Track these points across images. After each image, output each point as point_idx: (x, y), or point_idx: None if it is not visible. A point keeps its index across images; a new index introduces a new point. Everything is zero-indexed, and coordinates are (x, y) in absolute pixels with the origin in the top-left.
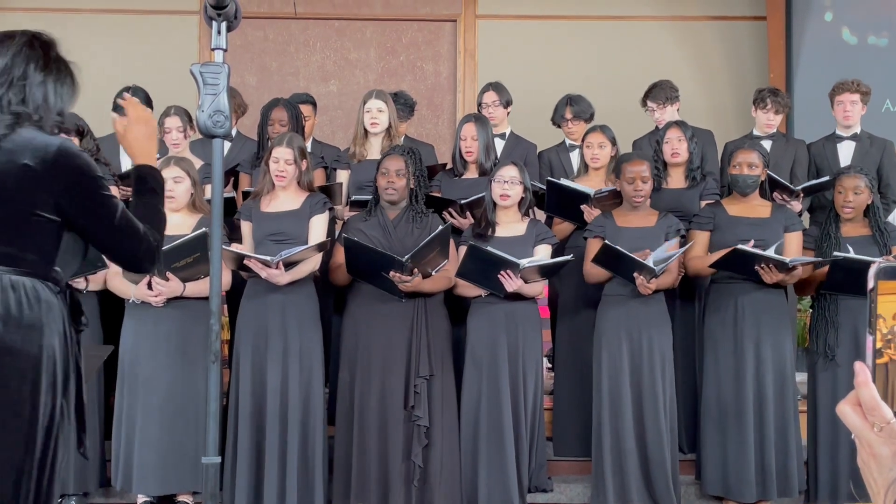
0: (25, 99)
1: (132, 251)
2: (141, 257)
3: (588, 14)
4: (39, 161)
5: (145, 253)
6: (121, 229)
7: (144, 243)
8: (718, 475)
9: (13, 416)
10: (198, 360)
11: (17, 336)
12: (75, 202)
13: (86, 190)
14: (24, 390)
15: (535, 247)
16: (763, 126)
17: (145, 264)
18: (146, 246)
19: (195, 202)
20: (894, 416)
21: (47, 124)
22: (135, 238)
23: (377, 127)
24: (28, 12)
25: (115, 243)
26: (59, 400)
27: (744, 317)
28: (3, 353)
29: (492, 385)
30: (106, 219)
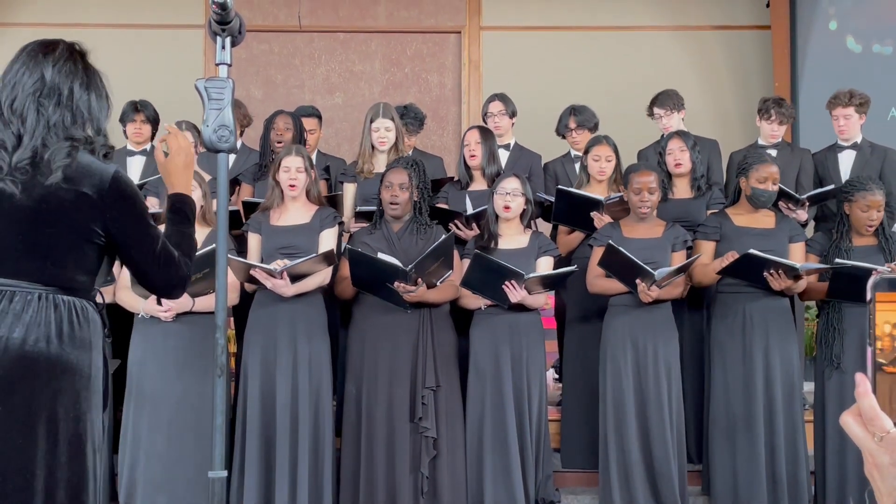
0: (76, 119)
1: (168, 279)
2: (175, 285)
3: (592, 24)
4: (96, 190)
5: (178, 280)
6: (160, 258)
7: (180, 271)
8: (728, 485)
9: (73, 434)
10: (206, 375)
11: (73, 354)
12: (124, 230)
13: (134, 219)
14: (80, 407)
15: (537, 259)
16: (768, 136)
17: (177, 291)
18: (181, 274)
19: (205, 215)
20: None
21: (98, 149)
22: (171, 266)
23: (385, 146)
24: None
25: (154, 271)
26: (102, 415)
27: (752, 325)
28: (62, 371)
29: (496, 396)
30: (149, 247)
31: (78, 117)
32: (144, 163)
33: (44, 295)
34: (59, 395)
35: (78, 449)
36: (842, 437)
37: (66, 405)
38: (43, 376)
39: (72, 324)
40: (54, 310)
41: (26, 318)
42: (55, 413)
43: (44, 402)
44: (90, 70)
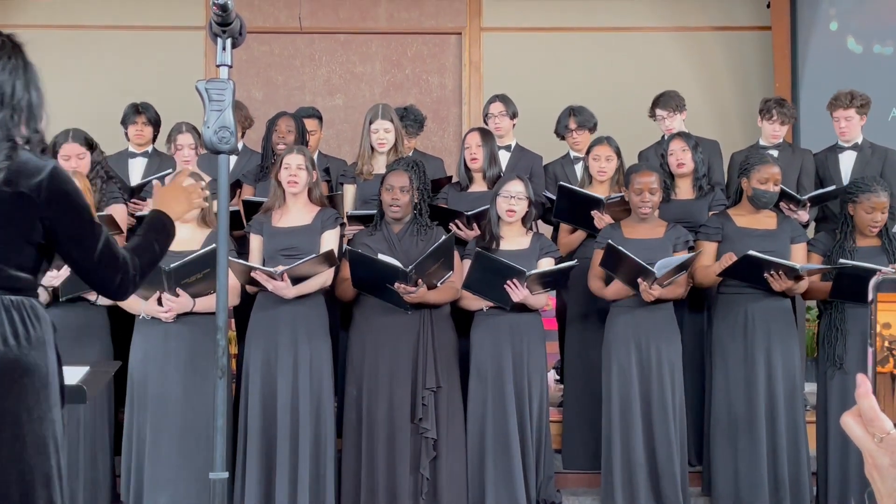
0: (16, 118)
1: (109, 281)
2: (115, 289)
3: (593, 25)
4: (35, 188)
5: (120, 284)
6: (101, 258)
7: (120, 275)
8: (730, 487)
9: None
10: (207, 376)
11: (32, 355)
12: (63, 228)
13: (73, 216)
14: (42, 407)
15: (538, 260)
16: (769, 137)
17: (118, 295)
18: (122, 278)
19: (205, 216)
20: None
21: (35, 145)
22: (113, 268)
23: (384, 147)
24: (35, 29)
25: (94, 271)
26: (60, 412)
27: (754, 326)
28: (23, 373)
29: (497, 397)
30: (89, 246)
31: (18, 115)
32: (146, 164)
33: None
34: (21, 396)
35: (44, 448)
36: (844, 437)
37: (29, 406)
38: (4, 379)
39: (25, 324)
40: (5, 311)
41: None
42: (19, 415)
43: (8, 405)
44: (29, 66)
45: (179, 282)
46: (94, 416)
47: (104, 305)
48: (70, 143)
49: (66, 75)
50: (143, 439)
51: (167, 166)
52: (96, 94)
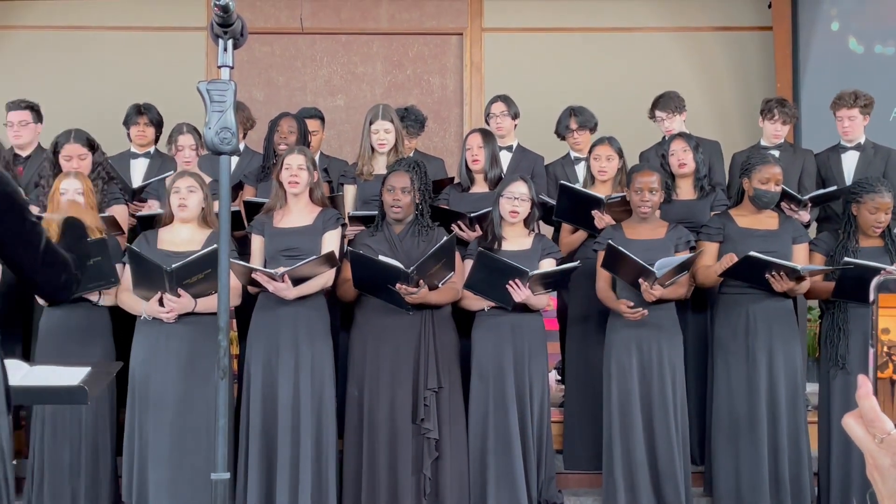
0: None
1: (55, 280)
2: (60, 287)
3: (594, 26)
4: None
5: (65, 284)
6: (44, 257)
7: (65, 274)
8: (731, 486)
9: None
10: (208, 376)
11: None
12: (5, 229)
13: (13, 216)
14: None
15: (540, 260)
16: (771, 137)
17: (62, 294)
18: (66, 278)
19: (206, 217)
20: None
21: None
22: (56, 267)
23: (384, 147)
24: (37, 30)
25: (39, 271)
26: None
27: (755, 326)
28: None
29: (498, 397)
30: (31, 246)
31: None
32: (148, 165)
33: None
34: None
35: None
36: (845, 438)
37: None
38: None
39: None
40: None
41: None
42: None
43: None
44: None
45: (181, 282)
46: (95, 417)
47: (106, 306)
48: (72, 143)
49: (68, 76)
50: (144, 440)
51: (169, 167)
52: (98, 94)
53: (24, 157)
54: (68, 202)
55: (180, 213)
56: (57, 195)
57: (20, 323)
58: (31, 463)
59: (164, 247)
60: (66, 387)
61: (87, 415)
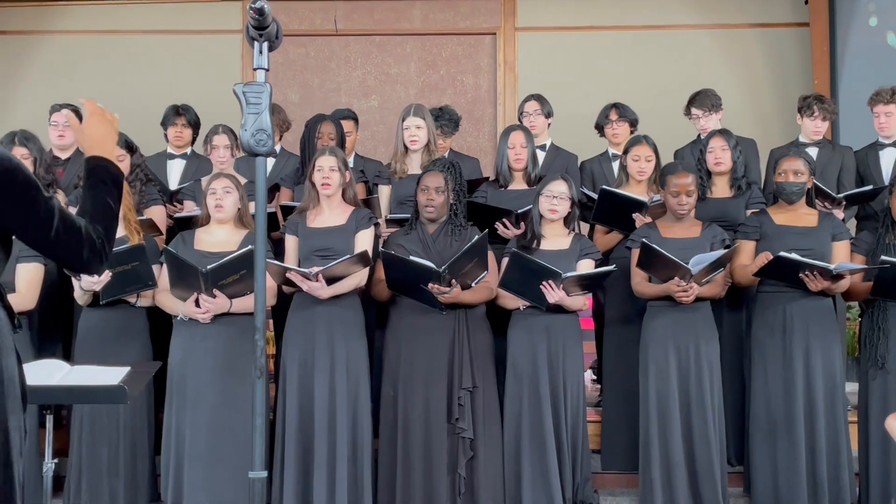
0: None
1: (76, 256)
2: (85, 262)
3: (628, 24)
4: None
5: (89, 258)
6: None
7: (86, 248)
8: (769, 487)
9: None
10: (245, 376)
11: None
12: (8, 209)
13: (18, 197)
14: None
15: (578, 261)
16: (810, 133)
17: (90, 268)
18: (89, 251)
19: (242, 217)
20: None
21: None
22: (76, 242)
23: (417, 144)
24: (74, 35)
25: (55, 248)
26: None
27: (792, 326)
28: None
29: (533, 397)
30: (43, 224)
31: None
32: (184, 166)
33: None
34: None
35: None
36: (885, 437)
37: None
38: None
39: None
40: None
41: None
42: None
43: None
44: None
45: (216, 283)
46: (133, 417)
47: (144, 307)
48: None
49: (106, 79)
50: (181, 439)
51: (205, 168)
52: (135, 97)
53: (63, 160)
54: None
55: (216, 215)
56: None
57: (61, 324)
58: (71, 462)
59: (200, 247)
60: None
61: (126, 414)
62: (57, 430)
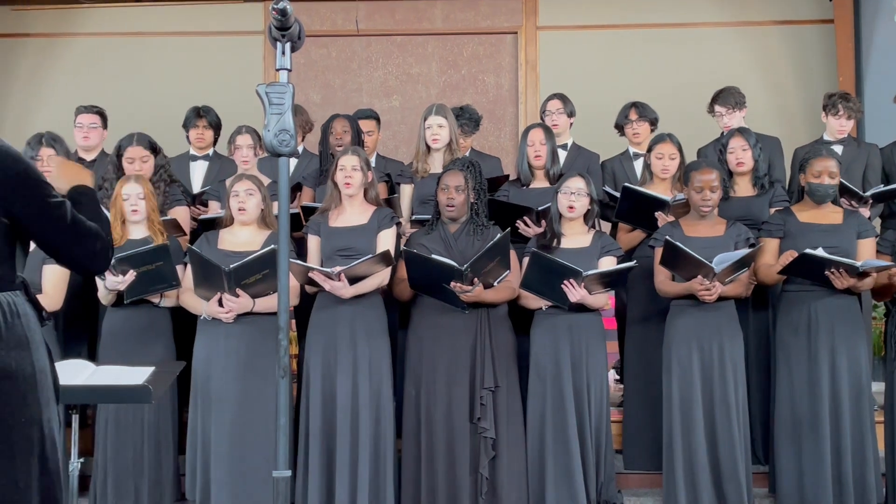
0: None
1: (88, 252)
2: (97, 256)
3: (650, 22)
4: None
5: (101, 251)
6: (75, 231)
7: (99, 242)
8: (794, 487)
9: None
10: (268, 375)
11: (10, 356)
12: (24, 208)
13: (32, 197)
14: (29, 411)
15: (599, 258)
16: (835, 132)
17: (100, 264)
18: (101, 245)
19: (265, 218)
20: None
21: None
22: (88, 238)
23: (438, 143)
24: (98, 36)
25: (69, 246)
26: (55, 410)
27: (817, 325)
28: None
29: (556, 397)
30: (59, 221)
31: None
32: (207, 167)
33: None
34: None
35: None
36: None
37: (13, 413)
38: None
39: (3, 323)
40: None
41: None
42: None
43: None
44: None
45: (239, 282)
46: (157, 416)
47: (167, 307)
48: (134, 146)
49: (129, 81)
50: (206, 438)
51: (227, 169)
52: (158, 98)
53: (89, 162)
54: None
55: (239, 216)
56: (119, 199)
57: (86, 325)
58: (96, 461)
59: (224, 247)
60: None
61: (150, 414)
62: (82, 429)
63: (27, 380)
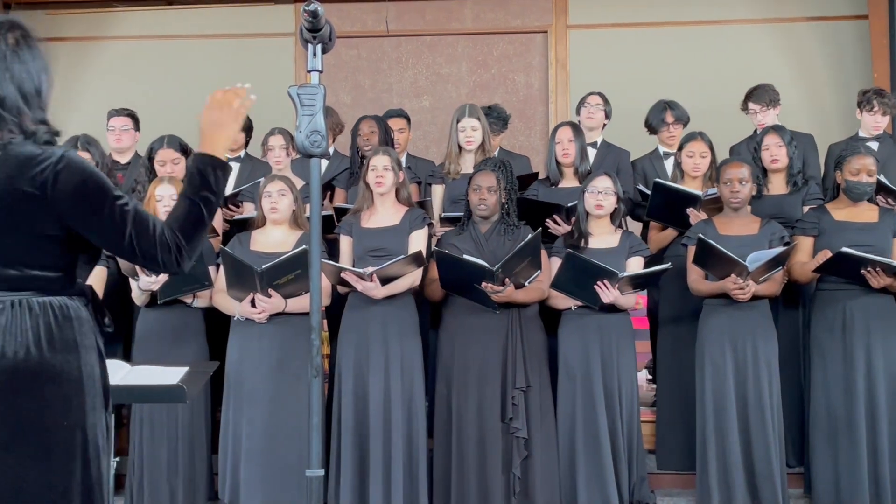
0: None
1: (151, 259)
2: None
3: (682, 19)
4: (39, 185)
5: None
6: (133, 240)
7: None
8: (830, 488)
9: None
10: (300, 375)
11: (57, 359)
12: (81, 218)
13: (90, 206)
14: (73, 415)
15: (627, 259)
16: (870, 128)
17: (168, 269)
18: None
19: (297, 219)
20: None
21: (41, 137)
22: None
23: (472, 145)
24: (130, 40)
25: (131, 253)
26: (103, 416)
27: (852, 323)
28: (45, 381)
29: (586, 397)
30: (116, 230)
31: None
32: (238, 169)
33: (16, 301)
34: (46, 405)
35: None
36: None
37: (55, 415)
38: (26, 388)
39: (50, 326)
40: (30, 315)
41: (0, 330)
42: (45, 425)
43: (32, 415)
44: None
45: (271, 283)
46: (191, 416)
47: (200, 308)
48: (165, 148)
49: (161, 84)
50: (238, 438)
51: (259, 170)
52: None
53: (122, 164)
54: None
55: (271, 216)
56: (153, 200)
57: (122, 325)
58: (132, 460)
59: (256, 248)
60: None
61: (184, 413)
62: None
63: (72, 383)
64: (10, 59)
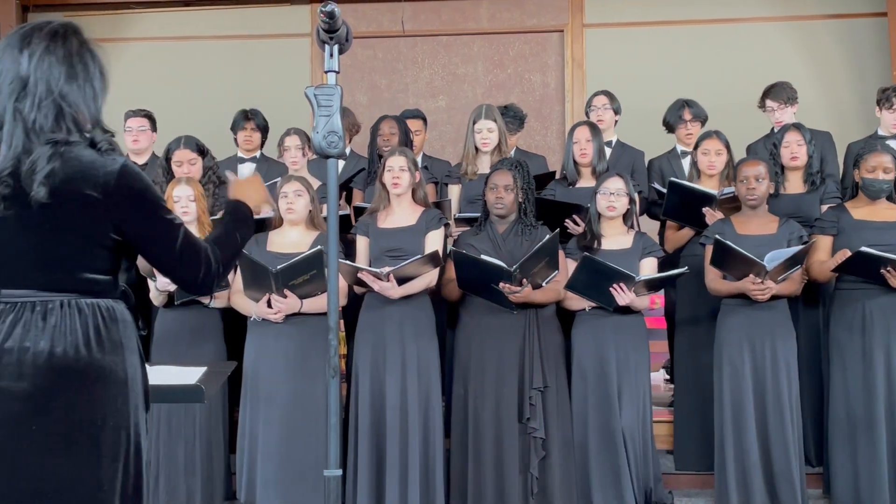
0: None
1: (192, 276)
2: (199, 283)
3: (698, 18)
4: (100, 190)
5: (204, 279)
6: (181, 254)
7: (203, 269)
8: (849, 489)
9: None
10: (317, 375)
11: (105, 359)
12: (135, 228)
13: (146, 216)
14: (119, 414)
15: (641, 260)
16: (889, 126)
17: (202, 289)
18: (205, 272)
19: (313, 219)
20: None
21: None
22: (195, 263)
23: (488, 146)
24: (148, 41)
25: (176, 267)
26: (144, 417)
27: (872, 323)
28: (95, 379)
29: (601, 398)
30: (167, 243)
31: (63, 115)
32: (254, 169)
33: (66, 302)
34: (95, 404)
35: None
36: None
37: (103, 414)
38: (75, 386)
39: (98, 328)
40: (79, 315)
41: (50, 328)
42: (94, 424)
43: (81, 414)
44: (74, 55)
45: (287, 283)
46: (209, 416)
47: (217, 308)
48: (182, 149)
49: (177, 85)
50: (255, 438)
51: (275, 171)
52: (207, 101)
53: (140, 165)
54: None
55: (288, 216)
56: (171, 201)
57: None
58: (149, 460)
59: (273, 249)
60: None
61: (202, 413)
62: None
63: (119, 384)
64: (75, 62)
